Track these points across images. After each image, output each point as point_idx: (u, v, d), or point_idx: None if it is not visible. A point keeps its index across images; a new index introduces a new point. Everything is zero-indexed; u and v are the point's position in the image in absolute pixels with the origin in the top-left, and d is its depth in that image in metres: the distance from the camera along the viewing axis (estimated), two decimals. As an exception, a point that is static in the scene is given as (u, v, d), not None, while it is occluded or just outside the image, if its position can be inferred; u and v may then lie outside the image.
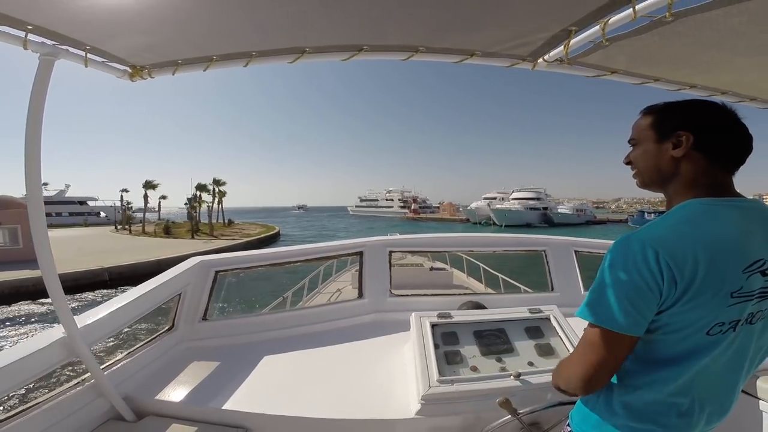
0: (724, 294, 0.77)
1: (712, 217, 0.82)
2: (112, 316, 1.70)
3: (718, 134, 0.87)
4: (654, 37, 1.20)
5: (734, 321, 0.80)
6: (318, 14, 1.22)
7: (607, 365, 0.83)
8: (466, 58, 1.47)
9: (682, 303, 0.77)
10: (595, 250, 2.96)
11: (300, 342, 2.20)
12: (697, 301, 0.77)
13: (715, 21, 1.10)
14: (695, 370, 0.82)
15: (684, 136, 0.86)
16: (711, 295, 0.77)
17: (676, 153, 0.87)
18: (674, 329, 0.80)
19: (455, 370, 1.57)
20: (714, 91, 1.64)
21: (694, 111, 0.89)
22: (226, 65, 1.53)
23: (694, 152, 0.86)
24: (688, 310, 0.77)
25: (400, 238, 3.12)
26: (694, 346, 0.81)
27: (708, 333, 0.79)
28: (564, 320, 1.84)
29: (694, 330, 0.79)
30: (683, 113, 0.89)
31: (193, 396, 1.68)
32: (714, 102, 0.90)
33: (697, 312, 0.78)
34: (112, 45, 1.36)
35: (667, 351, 0.83)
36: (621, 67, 1.48)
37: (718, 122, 0.87)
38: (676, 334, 0.81)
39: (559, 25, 1.24)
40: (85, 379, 1.56)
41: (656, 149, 0.91)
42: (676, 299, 0.77)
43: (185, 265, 2.30)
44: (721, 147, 0.87)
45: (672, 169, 0.89)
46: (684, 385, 0.84)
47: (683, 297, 0.76)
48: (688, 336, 0.80)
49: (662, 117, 0.91)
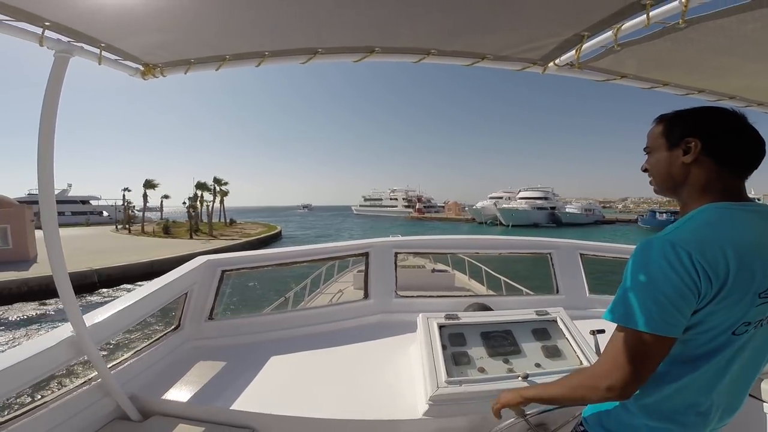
0: (752, 294, 0.81)
1: (733, 220, 0.85)
2: (119, 315, 1.72)
3: (727, 139, 0.89)
4: (666, 42, 1.22)
5: (759, 320, 0.85)
6: (331, 15, 1.25)
7: (649, 369, 0.83)
8: (477, 62, 1.50)
9: (716, 302, 0.80)
10: (600, 254, 2.99)
11: (306, 342, 2.23)
12: (729, 301, 0.80)
13: (728, 27, 1.12)
14: (717, 369, 0.86)
15: (693, 143, 0.90)
16: (741, 295, 0.80)
17: (686, 159, 0.91)
18: (705, 329, 0.83)
19: (463, 371, 1.60)
20: (722, 95, 1.67)
21: (702, 117, 0.92)
22: (239, 65, 1.56)
23: (704, 158, 0.90)
24: (720, 309, 0.81)
25: (406, 239, 3.16)
26: (720, 346, 0.84)
27: (734, 333, 0.83)
28: (570, 322, 1.87)
29: (722, 330, 0.83)
30: (692, 120, 0.93)
31: (199, 396, 1.69)
32: (723, 108, 0.93)
33: (727, 312, 0.81)
34: (126, 43, 1.39)
35: (693, 351, 0.86)
36: (631, 71, 1.51)
37: (727, 127, 0.90)
38: (705, 334, 0.84)
39: (571, 30, 1.27)
40: (92, 378, 1.58)
41: (668, 156, 0.95)
42: (711, 298, 0.80)
43: (192, 264, 2.33)
44: (731, 152, 0.90)
45: (684, 175, 0.93)
46: (705, 384, 0.87)
47: (717, 296, 0.79)
48: (715, 336, 0.83)
49: (672, 125, 0.95)
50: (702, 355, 0.85)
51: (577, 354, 1.70)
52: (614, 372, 0.83)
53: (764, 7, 0.99)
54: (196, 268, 2.30)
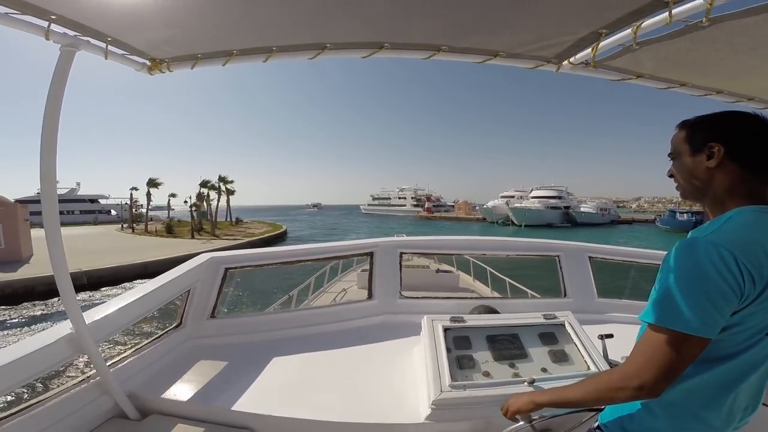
0: None
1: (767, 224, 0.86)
2: (119, 312, 1.72)
3: (751, 143, 0.90)
4: (686, 41, 1.20)
5: None
6: (340, 10, 1.24)
7: (680, 369, 0.84)
8: (489, 59, 1.49)
9: (756, 303, 0.81)
10: (610, 257, 2.94)
11: (308, 342, 2.24)
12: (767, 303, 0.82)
13: (752, 27, 1.10)
14: (744, 368, 0.88)
15: (716, 148, 0.91)
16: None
17: (710, 164, 0.92)
18: (741, 329, 0.84)
19: (467, 375, 1.59)
20: (740, 97, 1.64)
21: (725, 122, 0.93)
22: (246, 60, 1.56)
23: (728, 162, 0.90)
24: (759, 311, 0.82)
25: (411, 239, 3.16)
26: (751, 345, 0.86)
27: (767, 333, 0.85)
28: (579, 327, 1.85)
29: (757, 330, 0.85)
30: (715, 125, 0.94)
31: (199, 395, 1.69)
32: (745, 112, 0.93)
33: (765, 313, 0.83)
34: (133, 37, 1.39)
35: (725, 350, 0.87)
36: (647, 71, 1.48)
37: (750, 131, 0.90)
38: (741, 334, 0.85)
39: (588, 28, 1.25)
40: (90, 376, 1.59)
41: (692, 162, 0.96)
42: (753, 299, 0.81)
43: (195, 261, 2.34)
44: (755, 155, 0.90)
45: (708, 180, 0.94)
46: (732, 383, 0.88)
47: (758, 298, 0.81)
48: (750, 336, 0.85)
49: (694, 130, 0.97)
50: (733, 354, 0.86)
51: (584, 359, 1.68)
52: (646, 371, 0.84)
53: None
54: (199, 266, 2.31)
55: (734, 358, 0.86)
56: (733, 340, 0.85)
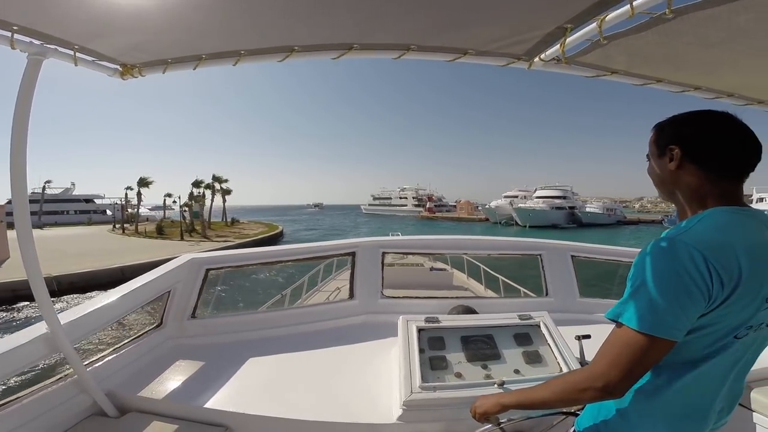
0: (761, 299, 0.84)
1: (741, 225, 0.87)
2: (97, 312, 1.77)
3: (706, 144, 0.90)
4: (654, 35, 1.20)
5: (759, 324, 0.87)
6: (306, 13, 1.26)
7: (644, 370, 0.85)
8: (459, 57, 1.50)
9: (725, 306, 0.81)
10: (593, 256, 2.98)
11: (288, 342, 2.27)
12: (737, 306, 0.82)
13: (719, 18, 1.09)
14: (716, 372, 0.88)
15: (675, 150, 0.93)
16: (750, 300, 0.82)
17: (671, 166, 0.94)
18: (709, 332, 0.84)
19: (439, 376, 1.62)
20: (719, 93, 1.64)
21: (683, 123, 0.95)
22: (216, 64, 1.59)
23: (687, 164, 0.92)
24: (727, 313, 0.82)
25: (393, 239, 3.20)
26: (720, 348, 0.86)
27: (736, 336, 0.85)
28: (554, 327, 1.87)
29: (725, 333, 0.85)
30: (674, 126, 0.96)
31: (177, 393, 1.74)
32: (710, 111, 0.93)
33: (734, 316, 0.83)
34: (100, 44, 1.42)
35: (694, 353, 0.87)
36: (621, 67, 1.49)
37: (706, 132, 0.91)
38: (709, 337, 0.85)
39: (553, 23, 1.26)
40: (68, 374, 1.63)
41: (659, 164, 1.00)
42: (721, 302, 0.81)
43: (175, 262, 2.39)
44: (713, 156, 0.90)
45: (674, 182, 0.96)
46: (705, 387, 0.89)
47: (727, 300, 0.81)
48: (718, 339, 0.85)
49: (660, 132, 0.99)
50: (703, 357, 0.87)
51: (557, 361, 1.70)
52: (611, 371, 0.84)
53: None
54: (179, 267, 2.35)
55: (705, 363, 0.87)
56: (701, 343, 0.86)
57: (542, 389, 1.01)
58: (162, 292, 2.22)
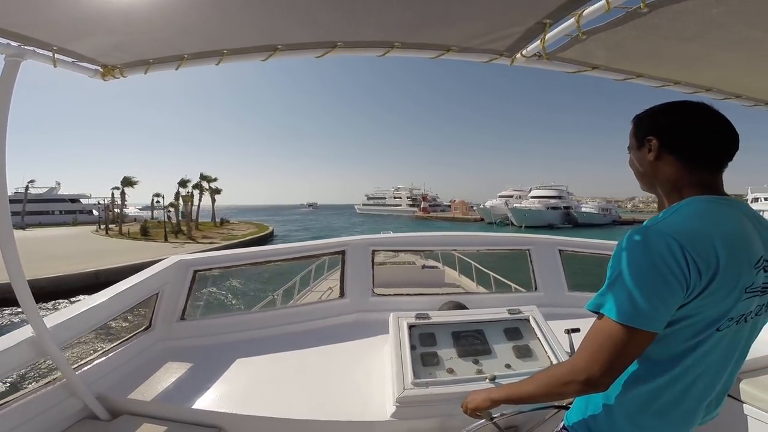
0: (739, 289, 0.84)
1: (719, 214, 0.88)
2: (83, 315, 1.78)
3: (683, 134, 0.93)
4: (631, 29, 1.23)
5: (741, 316, 0.88)
6: (289, 11, 1.28)
7: (626, 362, 0.85)
8: (442, 54, 1.52)
9: (704, 296, 0.81)
10: (579, 249, 3.08)
11: (279, 342, 2.29)
12: (716, 296, 0.82)
13: (693, 12, 1.12)
14: (700, 365, 0.88)
15: (652, 141, 0.96)
16: (729, 290, 0.82)
17: (650, 157, 0.97)
18: (689, 323, 0.85)
19: (431, 372, 1.65)
20: (698, 87, 1.67)
21: (660, 114, 0.97)
22: (198, 64, 1.61)
23: (665, 154, 0.95)
24: (707, 304, 0.82)
25: (383, 236, 3.23)
26: (702, 341, 0.86)
27: (718, 329, 0.86)
28: (543, 321, 1.91)
29: (706, 324, 0.85)
30: (652, 117, 0.99)
31: (169, 395, 1.75)
32: (686, 101, 0.96)
33: (714, 307, 0.83)
34: (80, 45, 1.42)
35: (676, 346, 0.88)
36: (601, 62, 1.52)
37: (683, 122, 0.93)
38: (689, 329, 0.85)
39: (533, 19, 1.29)
40: (56, 378, 1.63)
41: (639, 155, 1.02)
42: (700, 292, 0.81)
43: (163, 264, 2.40)
44: (691, 146, 0.92)
45: (654, 173, 0.99)
46: (689, 380, 0.89)
47: (705, 290, 0.81)
48: (699, 331, 0.86)
49: (638, 124, 1.02)
50: (685, 351, 0.88)
51: (548, 354, 1.74)
52: (593, 364, 0.85)
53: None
54: (167, 268, 2.36)
55: (687, 356, 0.88)
56: (681, 336, 0.86)
57: (528, 383, 1.03)
58: (150, 294, 2.23)
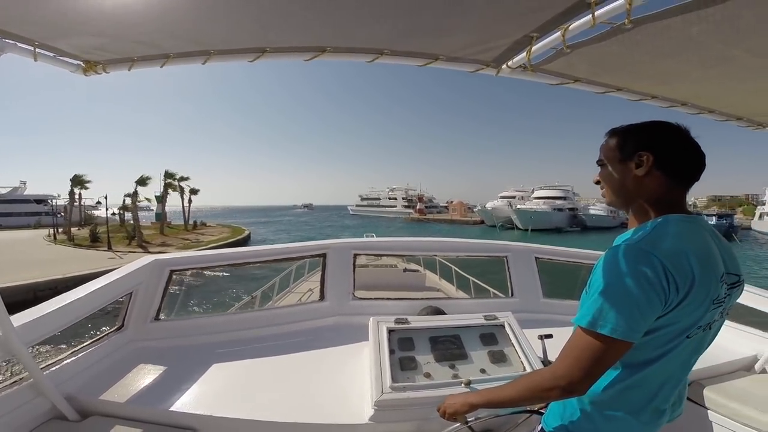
0: (709, 301, 0.99)
1: (691, 232, 1.02)
2: (53, 315, 1.84)
3: (676, 153, 1.06)
4: (614, 45, 1.37)
5: (708, 323, 1.03)
6: (279, 14, 1.37)
7: (603, 369, 0.98)
8: (430, 62, 1.65)
9: (679, 309, 0.95)
10: (556, 258, 3.32)
11: (258, 344, 2.40)
12: (689, 308, 0.96)
13: (674, 29, 1.25)
14: (669, 368, 1.04)
15: (645, 156, 1.06)
16: (700, 302, 0.97)
17: (639, 172, 1.07)
18: (663, 333, 0.99)
19: (409, 376, 1.78)
20: (674, 102, 1.83)
21: (653, 132, 1.08)
22: (184, 63, 1.70)
23: (655, 171, 1.06)
24: (681, 315, 0.97)
25: (365, 240, 3.41)
26: (673, 347, 1.01)
27: (687, 336, 1.01)
28: (518, 328, 2.06)
29: (678, 333, 1.00)
30: (644, 134, 1.09)
31: (141, 396, 1.82)
32: (671, 122, 1.09)
33: (687, 317, 0.98)
34: (62, 41, 1.49)
35: (650, 352, 1.02)
36: (583, 75, 1.66)
37: (676, 142, 1.06)
38: (663, 337, 1.00)
39: (520, 32, 1.41)
40: (23, 378, 1.69)
41: (621, 169, 1.11)
42: (676, 305, 0.95)
43: (138, 263, 2.49)
44: (679, 166, 1.06)
45: (636, 188, 1.09)
46: (660, 382, 1.05)
47: (681, 303, 0.95)
48: (671, 338, 1.00)
49: (625, 138, 1.12)
50: (657, 356, 1.02)
51: (521, 360, 1.88)
52: (575, 372, 0.98)
53: (708, 6, 1.10)
54: (142, 267, 2.45)
55: (659, 360, 1.02)
56: (656, 343, 1.00)
57: (509, 388, 1.15)
58: (123, 293, 2.31)
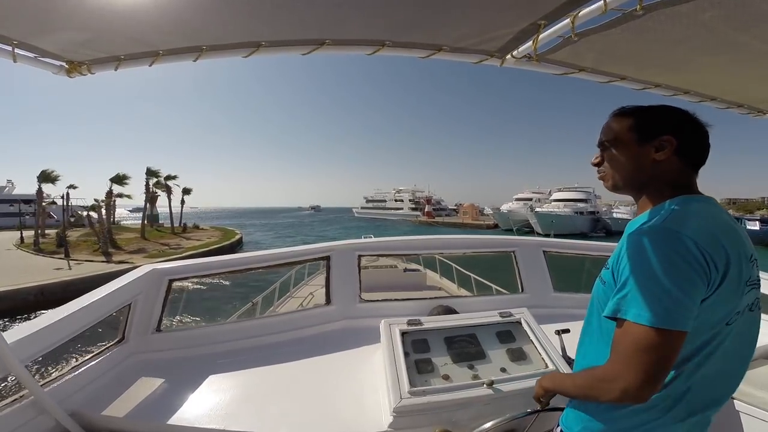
0: (743, 283, 0.98)
1: (713, 212, 1.03)
2: (49, 330, 1.84)
3: (696, 139, 1.10)
4: (623, 32, 1.39)
5: (744, 308, 1.01)
6: (274, 4, 1.39)
7: (667, 369, 0.92)
8: (433, 53, 1.68)
9: (718, 292, 0.93)
10: (564, 251, 3.39)
11: (263, 352, 2.42)
12: (727, 291, 0.94)
13: (686, 15, 1.28)
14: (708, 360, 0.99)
15: (668, 140, 1.07)
16: (736, 284, 0.96)
17: (659, 156, 1.09)
18: (705, 320, 0.95)
19: (426, 380, 1.78)
20: (677, 90, 1.87)
21: (675, 116, 1.11)
22: (174, 59, 1.72)
23: (674, 156, 1.08)
24: (719, 300, 0.94)
25: (368, 241, 3.45)
26: (712, 337, 0.98)
27: (727, 323, 0.98)
28: (535, 323, 2.09)
29: (717, 320, 0.97)
30: (666, 118, 1.11)
31: (145, 410, 1.85)
32: (685, 109, 1.12)
33: (725, 302, 0.95)
34: (43, 40, 1.49)
35: (689, 345, 0.96)
36: (588, 64, 1.69)
37: (695, 128, 1.10)
38: (704, 326, 0.96)
39: (527, 19, 1.44)
40: (23, 396, 1.69)
41: (637, 152, 1.11)
42: (716, 287, 0.93)
43: (135, 273, 2.51)
44: (697, 151, 1.10)
45: (652, 172, 1.11)
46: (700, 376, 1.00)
47: (720, 285, 0.93)
48: (712, 326, 0.97)
49: (643, 120, 1.12)
50: (696, 348, 0.98)
51: (542, 357, 1.89)
52: (628, 374, 0.92)
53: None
54: (140, 278, 2.47)
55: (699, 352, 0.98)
56: (697, 332, 0.95)
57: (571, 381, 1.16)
58: (121, 305, 2.32)
